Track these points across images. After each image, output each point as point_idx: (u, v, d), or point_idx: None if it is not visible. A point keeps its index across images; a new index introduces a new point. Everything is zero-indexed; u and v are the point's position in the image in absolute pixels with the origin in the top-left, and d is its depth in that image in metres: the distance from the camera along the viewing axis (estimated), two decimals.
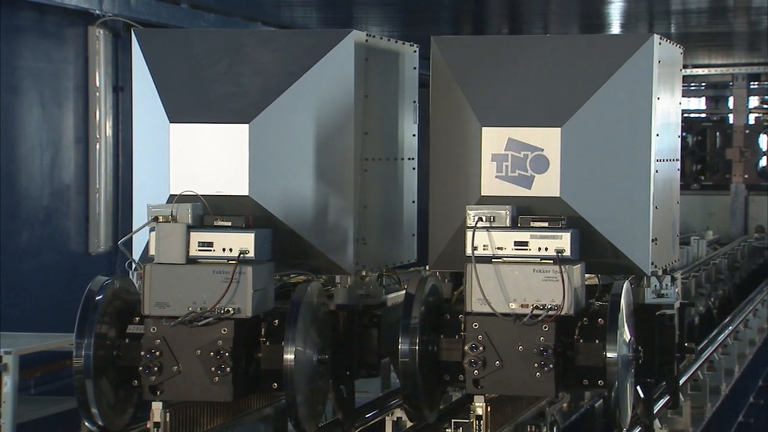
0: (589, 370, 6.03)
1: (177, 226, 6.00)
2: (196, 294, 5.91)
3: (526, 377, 5.90)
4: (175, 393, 5.97)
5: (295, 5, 13.60)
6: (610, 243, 6.23)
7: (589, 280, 6.37)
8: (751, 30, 16.11)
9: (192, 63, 6.46)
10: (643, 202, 6.28)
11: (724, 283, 14.22)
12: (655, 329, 6.46)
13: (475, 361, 5.91)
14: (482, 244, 5.99)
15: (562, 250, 5.92)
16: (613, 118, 6.29)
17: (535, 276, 5.91)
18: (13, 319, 10.23)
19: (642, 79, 6.31)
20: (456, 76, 6.43)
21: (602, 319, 5.99)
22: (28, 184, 11.26)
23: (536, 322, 5.85)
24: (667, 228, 6.69)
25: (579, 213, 6.20)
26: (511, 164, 6.27)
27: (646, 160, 6.29)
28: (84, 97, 11.95)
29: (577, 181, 6.23)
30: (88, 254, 11.91)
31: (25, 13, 11.09)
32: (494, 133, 6.29)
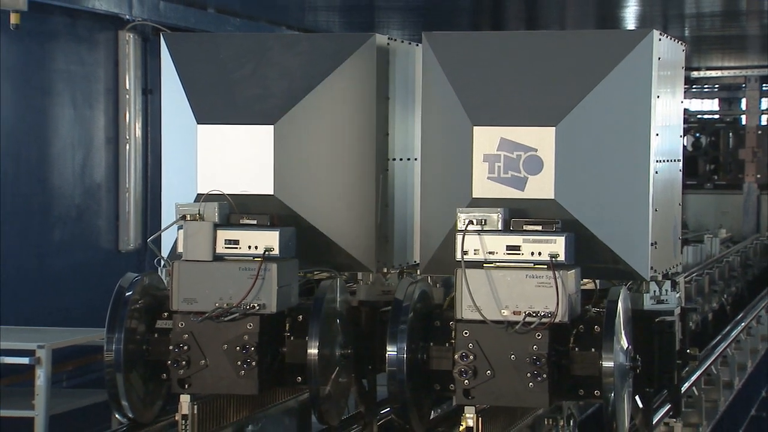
0: (585, 380, 5.61)
1: (204, 225, 6.02)
2: (223, 290, 5.92)
3: (519, 387, 5.47)
4: (202, 386, 5.98)
5: (319, 10, 13.60)
6: (607, 247, 5.81)
7: (587, 285, 6.00)
8: (764, 33, 16.04)
9: (219, 66, 6.46)
10: (642, 204, 5.84)
11: (737, 280, 14.16)
12: (654, 336, 6.01)
13: (466, 371, 5.48)
14: (473, 248, 5.57)
15: (556, 254, 5.49)
16: (610, 117, 5.85)
17: (528, 282, 5.48)
18: (46, 315, 10.27)
19: (640, 76, 5.86)
20: (447, 73, 6.00)
21: (598, 327, 5.58)
22: (60, 183, 11.29)
23: (529, 330, 5.43)
24: (667, 231, 6.26)
25: (574, 216, 5.77)
26: (504, 165, 5.83)
27: (645, 161, 5.85)
28: (114, 99, 11.98)
29: (572, 183, 5.79)
30: (118, 251, 11.94)
31: (58, 18, 11.13)
32: (486, 132, 5.86)
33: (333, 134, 6.42)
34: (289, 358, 6.12)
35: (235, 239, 6.01)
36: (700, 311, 11.81)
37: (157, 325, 6.10)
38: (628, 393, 5.76)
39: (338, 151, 6.43)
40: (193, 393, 6.00)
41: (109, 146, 11.96)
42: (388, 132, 6.59)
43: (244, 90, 6.41)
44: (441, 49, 6.03)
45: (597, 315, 5.69)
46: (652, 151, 5.86)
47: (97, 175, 11.82)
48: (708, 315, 12.16)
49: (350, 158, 6.44)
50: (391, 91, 6.59)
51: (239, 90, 6.42)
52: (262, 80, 6.41)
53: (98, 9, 11.16)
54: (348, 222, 6.44)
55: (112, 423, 6.72)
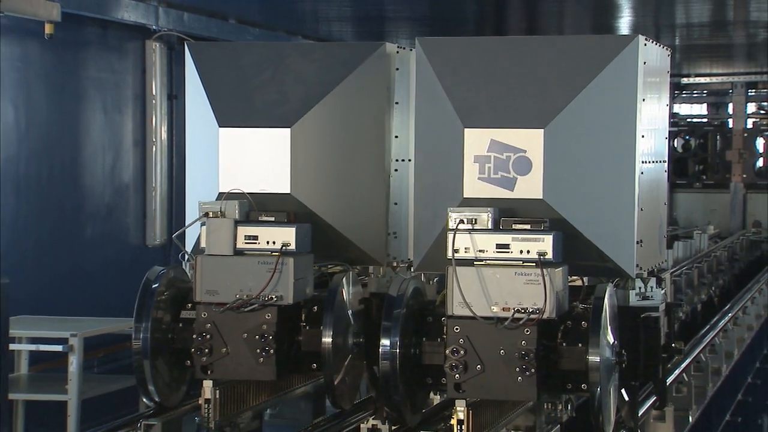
0: (572, 374, 5.43)
1: (225, 221, 6.01)
2: (243, 283, 5.91)
3: (508, 381, 5.29)
4: (223, 372, 5.98)
5: (332, 20, 13.59)
6: (594, 245, 5.63)
7: (575, 282, 5.82)
8: (749, 42, 16.04)
9: (239, 73, 6.46)
10: (628, 204, 5.68)
11: (724, 274, 14.13)
12: (640, 332, 5.85)
13: (456, 365, 5.31)
14: (464, 246, 5.40)
15: (544, 252, 5.31)
16: (597, 120, 5.67)
17: (517, 279, 5.30)
18: (78, 305, 10.29)
19: (626, 80, 5.68)
20: (439, 77, 5.82)
21: (585, 323, 5.41)
22: (91, 183, 11.31)
23: (518, 326, 5.26)
24: (653, 230, 6.06)
25: (562, 215, 5.59)
26: (494, 166, 5.64)
27: (630, 162, 5.68)
28: (141, 105, 11.99)
29: (560, 183, 5.61)
30: (145, 246, 11.95)
31: (90, 29, 11.14)
32: (477, 134, 5.67)
33: (346, 136, 6.42)
34: (304, 346, 6.11)
35: (254, 235, 6.01)
36: (690, 302, 11.79)
37: (182, 315, 6.10)
38: (614, 386, 5.62)
39: (351, 152, 6.43)
40: (216, 378, 6.00)
41: (137, 148, 11.97)
42: (397, 135, 6.58)
43: (262, 95, 6.40)
44: (433, 54, 5.88)
45: (584, 311, 5.52)
46: (638, 153, 5.71)
47: (126, 176, 11.83)
48: (697, 306, 12.13)
49: (362, 159, 6.43)
50: (399, 96, 6.58)
51: (258, 95, 6.41)
52: (280, 86, 6.40)
53: (127, 20, 11.17)
54: (360, 219, 6.44)
55: (140, 406, 6.72)
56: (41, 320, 9.45)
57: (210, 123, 6.46)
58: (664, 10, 12.86)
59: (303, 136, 6.33)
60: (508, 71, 5.76)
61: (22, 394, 9.08)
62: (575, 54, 5.75)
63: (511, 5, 12.58)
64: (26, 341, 9.23)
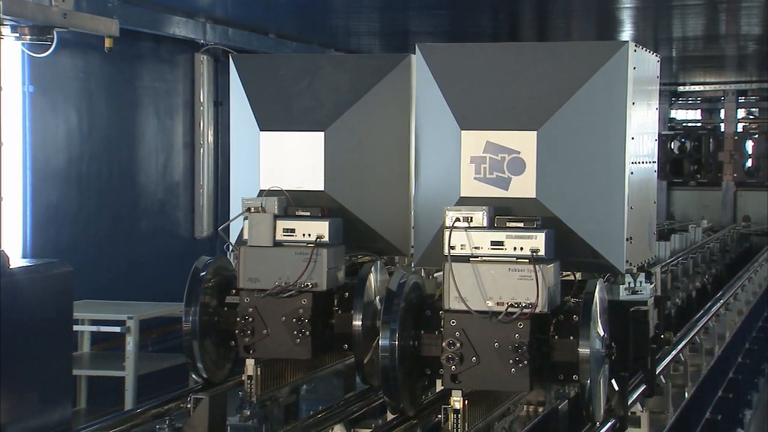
0: (564, 366, 5.13)
1: (266, 216, 6.01)
2: (281, 271, 5.91)
3: (502, 373, 5.01)
4: (264, 352, 5.97)
5: (362, 35, 13.58)
6: (586, 242, 5.35)
7: (568, 277, 5.54)
8: (740, 54, 15.99)
9: (278, 82, 6.45)
10: (618, 202, 5.37)
11: (716, 263, 14.03)
12: (629, 325, 5.57)
13: (453, 357, 5.04)
14: (460, 243, 5.12)
15: (537, 249, 5.03)
16: (588, 122, 5.38)
17: (511, 275, 5.02)
18: (134, 291, 10.32)
19: (616, 84, 5.38)
20: (438, 81, 5.55)
21: (577, 316, 5.13)
22: (146, 181, 11.34)
23: (511, 320, 4.98)
24: (643, 227, 5.76)
25: (555, 213, 5.32)
26: (489, 166, 5.37)
27: (620, 163, 5.38)
28: (190, 111, 12.02)
29: (552, 183, 5.34)
30: (194, 238, 11.98)
31: (145, 43, 11.17)
32: (473, 136, 5.41)
33: (375, 139, 6.39)
34: (337, 328, 6.10)
35: (291, 228, 6.00)
36: (686, 290, 11.72)
37: (227, 300, 6.10)
38: (604, 377, 5.33)
39: (379, 153, 6.40)
40: (257, 357, 6.00)
41: (186, 150, 12.00)
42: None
43: (299, 102, 6.39)
44: (432, 60, 5.63)
45: (576, 305, 5.23)
46: (628, 154, 5.42)
47: (176, 175, 11.86)
48: (692, 293, 12.06)
49: (389, 159, 6.40)
50: None
51: (295, 102, 6.40)
52: (315, 93, 6.38)
53: (178, 35, 11.20)
54: (386, 214, 6.42)
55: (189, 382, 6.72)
56: (102, 304, 9.48)
57: (252, 127, 6.46)
58: (662, 24, 12.79)
59: (335, 139, 6.32)
60: (503, 76, 5.50)
61: (85, 370, 9.13)
62: (567, 59, 5.49)
63: (523, 21, 12.52)
64: (88, 323, 9.28)
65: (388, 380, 5.21)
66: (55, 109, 10.13)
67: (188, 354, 6.00)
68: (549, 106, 5.35)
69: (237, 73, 6.57)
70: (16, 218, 9.68)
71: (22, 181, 9.70)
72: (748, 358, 11.68)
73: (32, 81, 9.74)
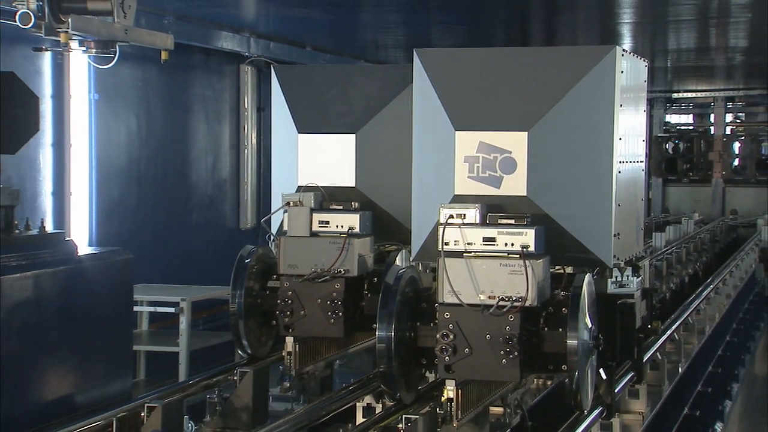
0: (554, 356, 4.81)
1: (303, 209, 5.99)
2: (317, 258, 5.89)
3: (493, 363, 4.70)
4: (302, 330, 5.96)
5: (389, 47, 13.55)
6: (575, 238, 5.02)
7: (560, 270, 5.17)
8: (728, 64, 15.89)
9: (314, 89, 6.43)
10: (606, 200, 5.03)
11: (707, 252, 13.92)
12: (616, 317, 5.25)
13: (446, 348, 4.72)
14: (453, 239, 4.81)
15: (527, 245, 4.71)
16: (577, 123, 5.04)
17: (502, 269, 4.71)
18: (187, 276, 10.35)
19: (604, 87, 5.04)
20: (434, 84, 5.23)
21: (566, 309, 4.82)
22: (197, 179, 11.37)
23: (502, 313, 4.67)
24: (630, 223, 5.45)
25: (545, 210, 4.99)
26: (482, 165, 5.06)
27: (608, 162, 5.04)
28: (236, 116, 12.05)
29: (542, 181, 5.02)
30: (239, 229, 12.02)
31: (196, 55, 11.20)
32: (467, 136, 5.10)
33: (400, 140, 6.35)
34: (366, 310, 6.07)
35: (326, 220, 5.98)
36: (679, 275, 11.63)
37: (269, 284, 6.09)
38: (591, 367, 5.02)
39: (404, 153, 6.36)
40: (295, 335, 5.99)
41: (232, 151, 12.02)
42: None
43: (333, 107, 6.37)
44: (429, 64, 5.30)
45: (565, 298, 4.89)
46: (616, 154, 5.09)
47: (224, 173, 11.88)
48: (685, 279, 11.96)
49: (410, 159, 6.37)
50: None
51: (329, 107, 6.38)
52: (347, 100, 6.36)
53: (225, 48, 11.22)
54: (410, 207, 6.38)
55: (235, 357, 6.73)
56: (158, 287, 9.51)
57: (291, 130, 6.44)
58: (658, 37, 12.72)
59: (365, 140, 6.30)
60: (496, 79, 5.18)
61: (143, 346, 9.15)
62: (557, 63, 5.14)
63: (532, 34, 12.44)
64: (146, 304, 9.30)
65: (384, 369, 4.92)
66: (117, 115, 10.17)
67: (234, 332, 6.00)
68: (539, 107, 5.05)
69: (278, 82, 6.56)
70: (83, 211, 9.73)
71: (88, 179, 9.75)
72: (736, 336, 11.59)
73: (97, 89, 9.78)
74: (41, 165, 9.28)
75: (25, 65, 8.65)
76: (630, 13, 10.62)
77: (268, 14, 10.92)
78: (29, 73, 8.67)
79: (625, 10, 10.43)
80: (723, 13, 10.72)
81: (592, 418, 5.23)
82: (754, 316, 13.67)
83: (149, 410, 5.15)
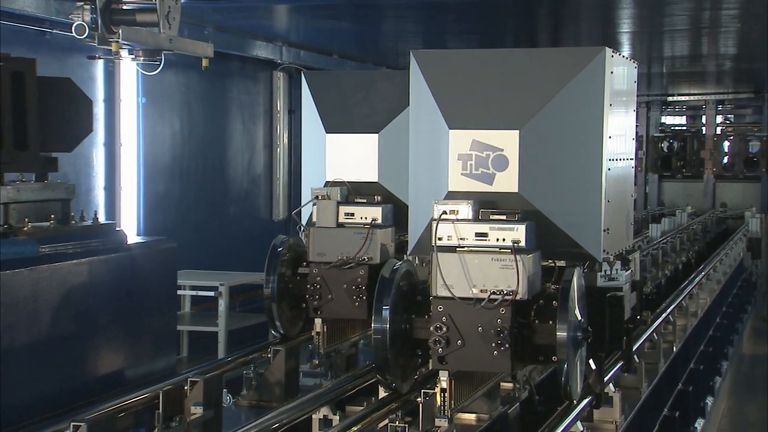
0: (544, 348, 4.53)
1: (330, 202, 5.98)
2: (343, 247, 5.86)
3: (485, 355, 4.44)
4: (329, 313, 5.94)
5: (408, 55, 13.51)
6: (565, 233, 4.73)
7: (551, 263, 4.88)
8: (719, 70, 15.82)
9: (341, 93, 6.41)
10: (596, 196, 4.73)
11: (699, 242, 13.80)
12: (606, 309, 4.97)
13: (440, 340, 4.45)
14: (447, 234, 4.52)
15: (518, 240, 4.44)
16: (567, 122, 4.74)
17: (493, 264, 4.43)
18: (225, 263, 10.38)
19: (594, 87, 4.73)
20: (429, 84, 4.93)
21: (556, 302, 4.52)
22: (234, 175, 11.38)
23: (494, 306, 4.40)
24: (620, 218, 5.15)
25: (536, 207, 4.71)
26: (475, 163, 4.76)
27: (598, 160, 4.73)
28: (269, 117, 12.05)
29: (534, 178, 4.73)
30: (272, 221, 12.02)
31: (233, 63, 11.20)
32: (460, 135, 4.79)
33: None
34: None
35: (351, 212, 5.96)
36: (674, 263, 11.54)
37: (299, 271, 6.07)
38: (581, 358, 4.72)
39: None
40: (323, 317, 5.97)
41: (266, 149, 12.03)
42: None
43: (358, 109, 6.35)
44: (425, 65, 4.99)
45: (556, 291, 4.60)
46: (605, 152, 4.78)
47: (258, 169, 11.89)
48: (679, 266, 11.87)
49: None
50: None
51: (354, 109, 6.36)
52: (370, 103, 6.34)
53: (260, 56, 11.22)
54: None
55: (269, 336, 6.74)
56: (199, 273, 9.53)
57: (319, 130, 6.43)
58: (655, 45, 12.67)
59: (387, 139, 6.28)
60: (489, 79, 4.86)
61: (186, 326, 9.18)
62: (549, 64, 4.83)
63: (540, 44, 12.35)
64: (188, 288, 9.34)
65: (380, 360, 4.64)
66: (162, 117, 10.20)
67: (268, 314, 5.99)
68: (531, 107, 4.75)
69: (307, 87, 6.54)
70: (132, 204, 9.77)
71: (136, 175, 9.78)
72: (725, 319, 11.51)
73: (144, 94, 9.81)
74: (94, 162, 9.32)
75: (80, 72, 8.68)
76: (629, 24, 10.58)
77: (299, 25, 10.91)
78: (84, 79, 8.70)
79: (624, 21, 10.40)
80: (714, 24, 10.67)
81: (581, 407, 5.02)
82: (742, 300, 13.59)
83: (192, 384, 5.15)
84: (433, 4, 9.13)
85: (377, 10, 9.66)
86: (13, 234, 5.30)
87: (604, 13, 9.90)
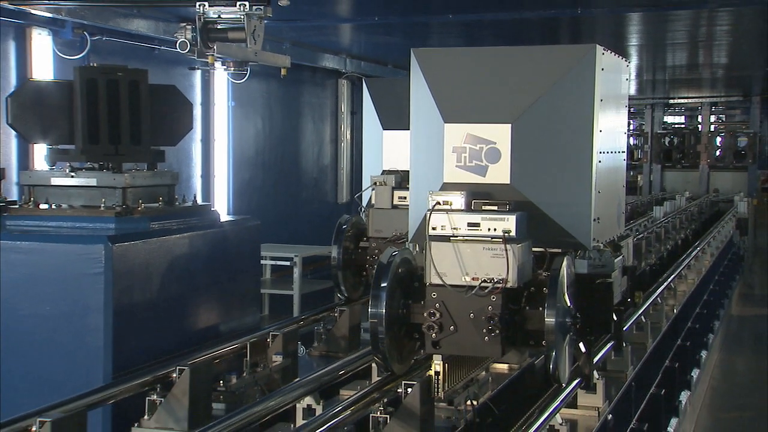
0: (534, 333, 4.00)
1: (386, 187, 5.93)
2: (397, 225, 5.77)
3: (477, 340, 3.96)
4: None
5: None
6: (556, 223, 4.24)
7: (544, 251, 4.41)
8: (712, 77, 15.59)
9: (395, 96, 6.33)
10: (586, 187, 4.23)
11: (695, 221, 13.53)
12: (595, 295, 4.39)
13: (433, 326, 3.97)
14: (441, 224, 4.03)
15: (509, 230, 3.94)
16: (558, 116, 4.24)
17: (485, 253, 3.95)
18: (299, 237, 10.43)
19: (585, 83, 4.21)
20: (427, 80, 4.42)
21: (546, 289, 4.00)
22: (306, 165, 11.42)
23: (485, 294, 3.91)
24: (611, 208, 4.65)
25: (527, 197, 4.22)
26: (469, 155, 4.26)
27: (588, 153, 4.23)
28: (335, 118, 12.04)
29: (525, 170, 4.24)
30: (337, 203, 12.05)
31: (305, 72, 11.21)
32: (455, 128, 4.29)
33: None
34: None
35: (404, 196, 5.88)
36: (674, 239, 11.28)
37: (360, 245, 6.03)
38: (570, 343, 4.22)
39: None
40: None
41: (332, 144, 12.04)
42: None
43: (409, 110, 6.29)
44: (424, 61, 4.46)
45: (546, 278, 4.08)
46: (596, 145, 4.27)
47: (325, 160, 11.91)
48: (678, 241, 11.62)
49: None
50: None
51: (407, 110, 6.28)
52: None
53: (327, 66, 11.21)
54: None
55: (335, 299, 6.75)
56: (278, 246, 9.59)
57: (377, 128, 6.38)
58: (659, 56, 12.55)
59: None
60: (484, 75, 4.35)
61: (267, 290, 9.26)
62: (542, 60, 4.32)
63: None
64: (269, 259, 9.40)
65: (377, 344, 4.09)
66: (247, 117, 10.25)
67: (335, 280, 5.97)
68: (523, 101, 4.25)
69: (367, 92, 6.49)
70: (223, 189, 9.86)
71: (226, 165, 9.87)
72: (717, 286, 11.25)
73: (233, 98, 9.87)
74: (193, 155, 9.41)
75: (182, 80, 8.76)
76: (636, 38, 10.49)
77: (360, 40, 10.88)
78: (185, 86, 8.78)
79: (633, 35, 10.31)
80: (709, 38, 10.55)
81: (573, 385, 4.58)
82: (731, 270, 13.35)
83: (273, 337, 5.18)
84: (473, 23, 9.06)
85: (425, 28, 9.63)
86: (129, 213, 5.39)
87: (617, 29, 9.79)
